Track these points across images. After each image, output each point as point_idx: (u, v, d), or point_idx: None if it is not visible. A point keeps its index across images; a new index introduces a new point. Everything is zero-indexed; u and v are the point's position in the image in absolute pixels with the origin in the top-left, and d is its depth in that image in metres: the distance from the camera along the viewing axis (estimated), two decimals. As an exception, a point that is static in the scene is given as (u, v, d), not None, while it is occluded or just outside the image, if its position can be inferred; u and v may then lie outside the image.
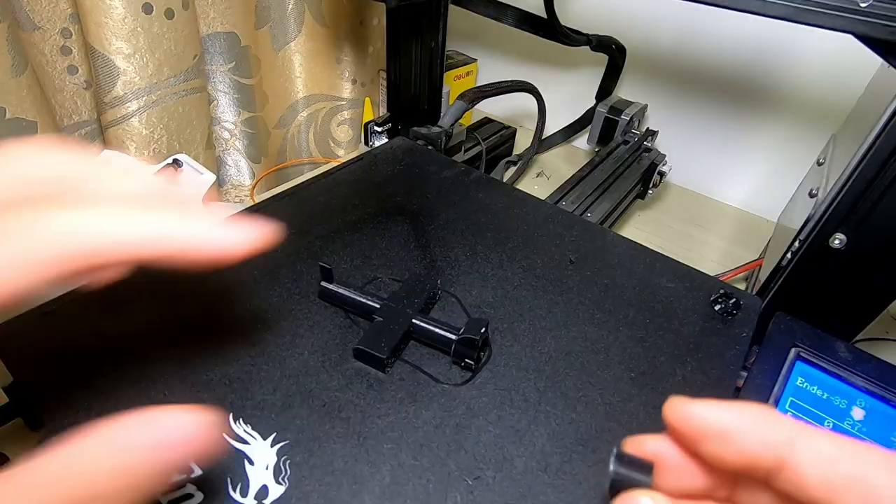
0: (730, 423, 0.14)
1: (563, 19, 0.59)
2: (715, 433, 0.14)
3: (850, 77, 0.52)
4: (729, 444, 0.14)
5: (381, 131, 0.58)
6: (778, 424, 0.14)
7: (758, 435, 0.14)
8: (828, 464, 0.13)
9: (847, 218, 0.31)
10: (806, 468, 0.13)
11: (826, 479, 0.13)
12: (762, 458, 0.14)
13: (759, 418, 0.14)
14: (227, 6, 0.55)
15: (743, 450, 0.14)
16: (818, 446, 0.13)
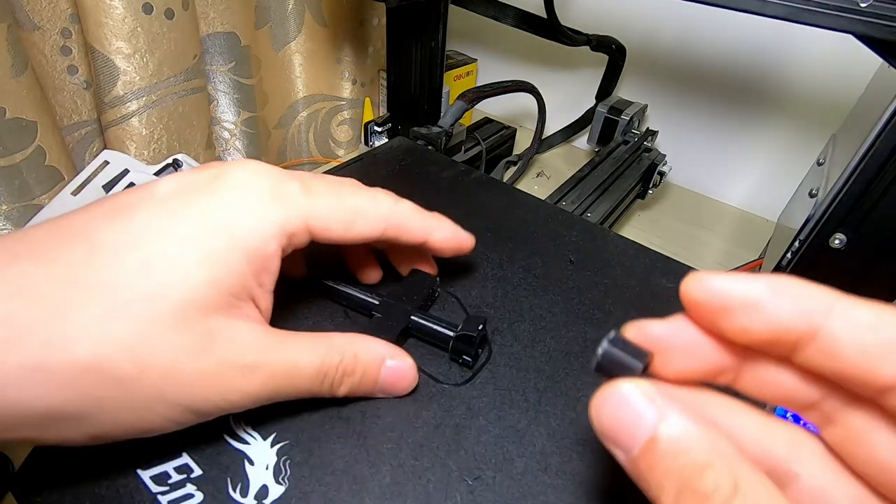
0: (761, 293, 0.13)
1: (563, 19, 0.59)
2: (744, 304, 0.13)
3: (850, 77, 0.52)
4: (759, 315, 0.13)
5: (381, 131, 0.58)
6: (813, 291, 0.13)
7: (792, 303, 0.13)
8: (866, 329, 0.12)
9: (847, 218, 0.31)
10: (841, 336, 0.12)
11: (863, 347, 0.12)
12: (794, 327, 0.13)
13: (793, 287, 0.13)
14: (227, 6, 0.55)
15: (774, 320, 0.13)
16: (856, 313, 0.13)
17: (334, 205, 0.22)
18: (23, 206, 0.48)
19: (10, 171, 0.46)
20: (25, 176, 0.47)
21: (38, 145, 0.47)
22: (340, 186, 0.23)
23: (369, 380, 0.22)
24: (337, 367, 0.21)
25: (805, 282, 0.13)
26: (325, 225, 0.21)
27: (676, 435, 0.13)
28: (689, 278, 0.14)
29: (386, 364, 0.22)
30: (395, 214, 0.24)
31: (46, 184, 0.49)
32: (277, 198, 0.20)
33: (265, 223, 0.20)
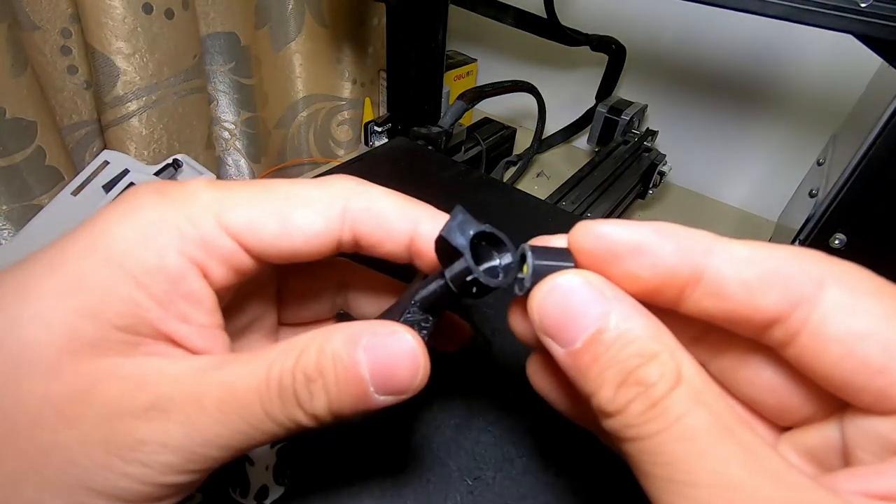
0: (642, 238, 0.13)
1: (563, 19, 0.59)
2: (628, 250, 0.13)
3: (850, 77, 0.52)
4: (643, 260, 0.13)
5: (381, 131, 0.58)
6: (693, 234, 0.13)
7: (673, 246, 0.13)
8: (745, 264, 0.13)
9: (847, 218, 0.31)
10: (724, 273, 0.13)
11: (744, 281, 0.13)
12: (679, 270, 0.13)
13: (673, 230, 0.13)
14: (227, 6, 0.55)
15: (658, 264, 0.13)
16: (735, 249, 0.13)
17: (258, 193, 0.15)
18: (23, 206, 0.48)
19: (10, 171, 0.46)
20: (25, 176, 0.47)
21: (38, 145, 0.47)
22: (270, 181, 0.16)
23: (350, 374, 0.14)
24: (293, 371, 0.14)
25: (684, 227, 0.13)
26: (247, 218, 0.15)
27: (624, 326, 0.13)
28: (577, 227, 0.14)
29: (364, 343, 0.14)
30: (359, 200, 0.16)
31: (46, 184, 0.49)
32: (169, 197, 0.15)
33: (154, 230, 0.14)
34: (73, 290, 0.13)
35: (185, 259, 0.14)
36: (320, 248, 0.16)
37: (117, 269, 0.14)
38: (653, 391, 0.12)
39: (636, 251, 0.13)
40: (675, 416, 0.12)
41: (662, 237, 0.13)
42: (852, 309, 0.12)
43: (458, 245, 0.14)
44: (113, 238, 0.14)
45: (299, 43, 0.64)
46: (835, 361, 0.12)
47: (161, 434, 0.13)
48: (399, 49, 0.53)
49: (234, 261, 0.15)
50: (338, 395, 0.14)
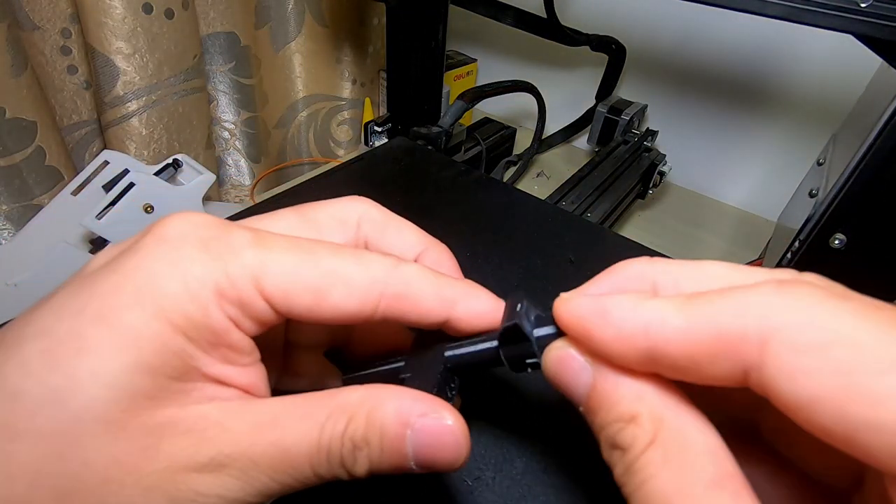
0: (595, 308, 0.14)
1: (563, 19, 0.59)
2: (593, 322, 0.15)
3: (850, 77, 0.52)
4: (608, 329, 0.14)
5: (381, 131, 0.58)
6: (639, 304, 0.14)
7: (619, 316, 0.14)
8: (683, 334, 0.13)
9: (847, 218, 0.31)
10: (668, 350, 0.13)
11: (688, 353, 0.13)
12: (634, 340, 0.13)
13: (619, 300, 0.14)
14: (227, 6, 0.55)
15: (619, 331, 0.14)
16: (669, 320, 0.13)
17: (298, 262, 0.15)
18: (23, 206, 0.48)
19: (10, 171, 0.46)
20: (25, 176, 0.47)
21: (38, 145, 0.47)
22: (314, 243, 0.16)
23: (394, 449, 0.15)
24: (342, 438, 0.14)
25: (638, 295, 0.14)
26: (283, 289, 0.15)
27: (607, 389, 0.14)
28: (556, 302, 0.16)
29: (413, 423, 0.15)
30: (396, 281, 0.16)
31: (46, 184, 0.49)
32: (212, 252, 0.15)
33: (197, 286, 0.14)
34: (129, 345, 0.14)
35: (224, 314, 0.15)
36: (350, 321, 0.16)
37: (167, 323, 0.14)
38: (628, 455, 0.13)
39: (598, 322, 0.14)
40: (641, 479, 0.12)
41: (608, 308, 0.14)
42: (793, 373, 0.11)
43: (529, 333, 0.16)
44: (159, 291, 0.14)
45: (299, 43, 0.64)
46: (807, 429, 0.11)
47: (219, 487, 0.14)
48: (399, 49, 0.53)
49: (265, 319, 0.16)
50: (380, 462, 0.15)
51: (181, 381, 0.14)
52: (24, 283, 0.41)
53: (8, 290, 0.40)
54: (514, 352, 0.16)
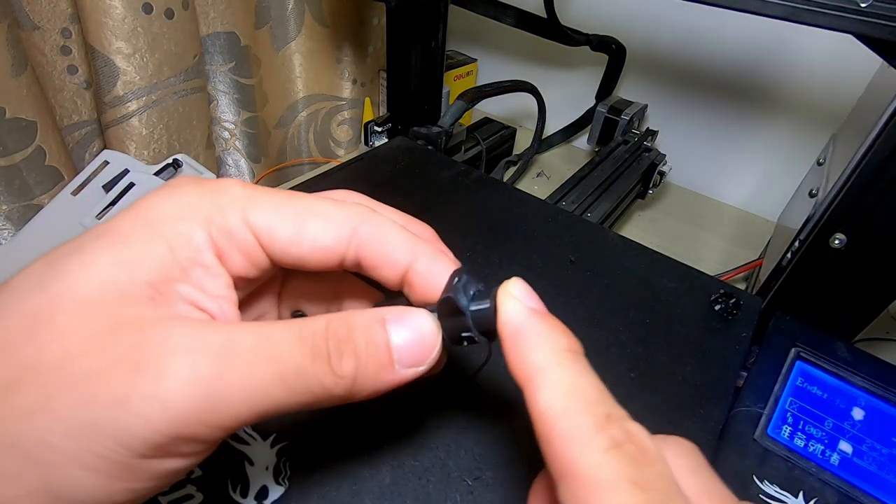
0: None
1: (563, 19, 0.59)
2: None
3: (850, 77, 0.52)
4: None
5: (381, 131, 0.58)
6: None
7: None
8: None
9: (847, 218, 0.31)
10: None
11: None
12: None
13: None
14: (227, 6, 0.55)
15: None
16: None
17: (282, 198, 0.17)
18: (23, 206, 0.48)
19: (10, 171, 0.46)
20: (25, 176, 0.47)
21: (38, 145, 0.47)
22: (296, 193, 0.18)
23: (377, 346, 0.16)
24: (325, 332, 0.15)
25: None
26: (268, 222, 0.16)
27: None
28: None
29: (388, 320, 0.16)
30: (368, 223, 0.17)
31: (46, 184, 0.49)
32: (206, 186, 0.17)
33: (188, 208, 0.16)
34: (115, 242, 0.15)
35: (209, 240, 0.16)
36: (325, 261, 0.17)
37: (154, 231, 0.15)
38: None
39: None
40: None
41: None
42: None
43: (463, 306, 0.16)
44: (153, 208, 0.16)
45: (299, 43, 0.64)
46: None
47: (191, 367, 0.13)
48: (399, 49, 0.53)
49: (251, 254, 0.17)
50: (366, 359, 0.15)
51: (155, 289, 0.15)
52: (24, 283, 0.40)
53: (8, 290, 0.40)
54: (451, 324, 0.17)
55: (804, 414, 0.27)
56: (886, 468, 0.24)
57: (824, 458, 0.25)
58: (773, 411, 0.27)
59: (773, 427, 0.26)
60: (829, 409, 0.27)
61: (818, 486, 0.24)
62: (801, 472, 0.24)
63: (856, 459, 0.25)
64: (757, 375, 0.28)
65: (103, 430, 0.13)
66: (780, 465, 0.24)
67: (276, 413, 0.15)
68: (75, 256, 0.15)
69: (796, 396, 0.27)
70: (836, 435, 0.26)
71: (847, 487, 0.24)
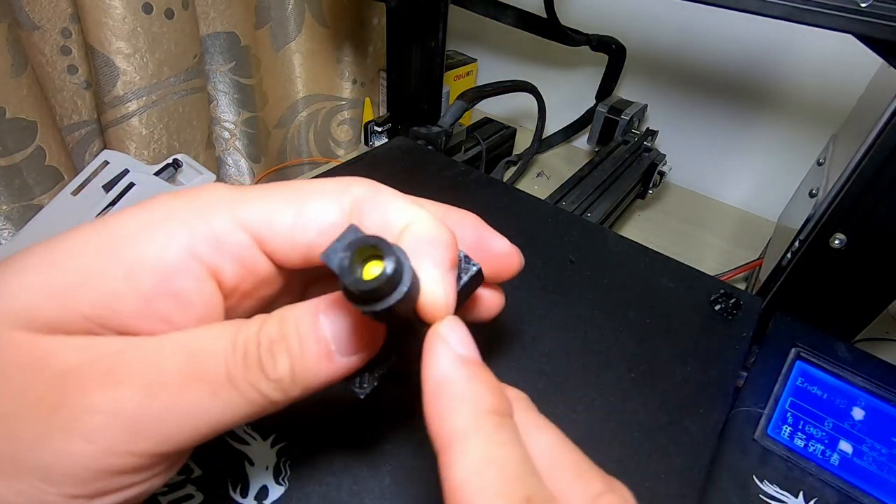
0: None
1: (563, 19, 0.59)
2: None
3: (850, 77, 0.52)
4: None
5: (381, 131, 0.58)
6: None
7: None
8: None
9: (847, 218, 0.31)
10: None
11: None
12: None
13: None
14: (227, 6, 0.55)
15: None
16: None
17: (270, 189, 0.15)
18: (23, 206, 0.48)
19: (10, 171, 0.46)
20: (25, 176, 0.47)
21: (38, 145, 0.47)
22: (281, 182, 0.16)
23: (311, 338, 0.14)
24: (258, 336, 0.14)
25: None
26: (264, 212, 0.14)
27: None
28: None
29: (321, 309, 0.14)
30: (366, 189, 0.16)
31: (46, 184, 0.49)
32: (182, 196, 0.14)
33: (159, 224, 0.14)
34: (52, 268, 0.13)
35: (188, 255, 0.14)
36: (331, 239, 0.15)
37: (110, 256, 0.13)
38: None
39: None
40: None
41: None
42: None
43: (334, 267, 0.13)
44: (116, 227, 0.14)
45: (299, 43, 0.64)
46: None
47: (113, 401, 0.12)
48: (399, 49, 0.53)
49: (248, 259, 0.15)
50: (301, 356, 0.14)
51: (94, 323, 0.13)
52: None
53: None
54: (345, 292, 0.13)
55: (804, 414, 0.27)
56: (886, 468, 0.24)
57: (824, 459, 0.25)
58: (773, 411, 0.27)
59: (773, 427, 0.26)
60: (829, 409, 0.27)
61: (818, 486, 0.24)
62: (801, 472, 0.24)
63: (856, 459, 0.25)
64: (757, 375, 0.28)
65: (25, 466, 0.12)
66: (780, 465, 0.24)
67: (221, 431, 0.14)
68: (4, 278, 0.13)
69: (796, 396, 0.27)
70: (836, 435, 0.26)
71: (847, 487, 0.24)
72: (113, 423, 0.12)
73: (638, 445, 0.23)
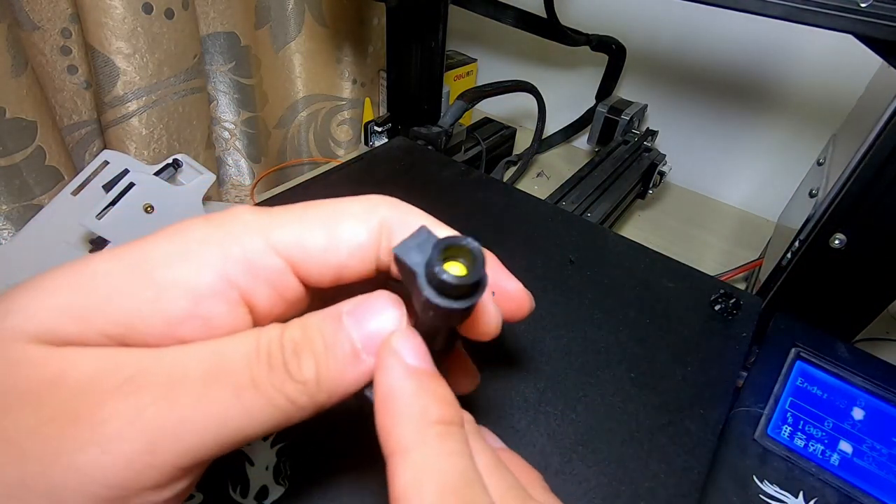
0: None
1: (563, 19, 0.59)
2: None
3: (850, 77, 0.52)
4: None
5: (381, 131, 0.58)
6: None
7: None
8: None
9: (847, 218, 0.31)
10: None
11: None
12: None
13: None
14: (227, 6, 0.55)
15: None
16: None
17: (302, 211, 0.15)
18: (23, 206, 0.48)
19: (10, 171, 0.46)
20: (25, 176, 0.47)
21: (38, 145, 0.47)
22: (309, 202, 0.16)
23: (336, 340, 0.14)
24: (281, 340, 0.14)
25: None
26: (296, 235, 0.14)
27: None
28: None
29: (344, 311, 0.14)
30: (395, 211, 0.16)
31: (46, 184, 0.49)
32: (215, 220, 0.14)
33: (196, 246, 0.14)
34: (76, 288, 0.13)
35: (221, 280, 0.13)
36: (363, 264, 0.15)
37: (140, 277, 0.13)
38: None
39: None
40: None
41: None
42: None
43: (412, 264, 0.13)
44: (147, 250, 0.13)
45: (299, 43, 0.64)
46: None
47: (132, 408, 0.12)
48: (399, 49, 0.53)
49: (280, 283, 0.14)
50: (326, 357, 0.14)
51: (114, 343, 0.13)
52: (24, 283, 0.40)
53: (8, 290, 0.40)
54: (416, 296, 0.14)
55: (804, 414, 0.27)
56: (886, 468, 0.24)
57: (824, 459, 0.25)
58: (773, 411, 0.27)
59: (773, 427, 0.26)
60: (829, 409, 0.27)
61: (818, 486, 0.24)
62: (801, 472, 0.24)
63: (856, 459, 0.25)
64: (757, 375, 0.28)
65: (35, 491, 0.11)
66: (780, 465, 0.24)
67: (244, 441, 0.13)
68: (23, 297, 0.13)
69: (796, 396, 0.27)
70: (836, 435, 0.26)
71: (847, 487, 0.24)
72: (131, 430, 0.12)
73: (638, 445, 0.23)
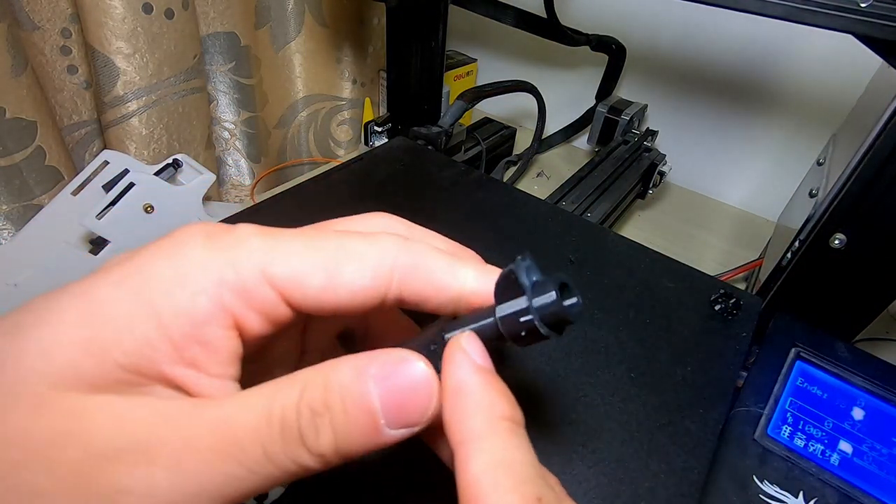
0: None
1: (563, 19, 0.59)
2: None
3: (850, 77, 0.52)
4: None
5: (381, 131, 0.58)
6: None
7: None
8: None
9: (847, 218, 0.31)
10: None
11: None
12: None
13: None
14: (227, 6, 0.55)
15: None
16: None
17: (306, 242, 0.15)
18: (23, 206, 0.48)
19: (10, 171, 0.46)
20: (25, 176, 0.47)
21: (38, 145, 0.47)
22: (320, 230, 0.16)
23: (360, 409, 0.13)
24: (298, 407, 0.13)
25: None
26: (293, 269, 0.14)
27: None
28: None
29: (373, 374, 0.13)
30: (406, 254, 0.15)
31: (46, 184, 0.49)
32: (217, 240, 0.14)
33: (193, 270, 0.13)
34: (87, 320, 0.13)
35: (216, 305, 0.13)
36: (364, 303, 0.15)
37: (143, 304, 0.13)
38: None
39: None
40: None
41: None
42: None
43: (524, 283, 0.14)
44: (149, 273, 0.13)
45: (299, 43, 0.64)
46: None
47: (145, 481, 0.12)
48: (399, 49, 0.53)
49: (272, 312, 0.14)
50: (346, 430, 0.13)
51: (130, 372, 0.13)
52: (24, 283, 0.40)
53: (8, 290, 0.40)
54: (509, 313, 0.14)
55: (804, 414, 0.27)
56: (886, 468, 0.24)
57: (824, 458, 0.25)
58: (773, 411, 0.27)
59: (773, 427, 0.26)
60: (829, 409, 0.27)
61: (818, 486, 0.24)
62: (801, 472, 0.24)
63: (856, 459, 0.25)
64: (757, 375, 0.28)
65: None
66: (780, 465, 0.24)
67: (253, 495, 0.13)
68: (34, 332, 0.13)
69: (796, 396, 0.27)
70: (836, 435, 0.26)
71: (847, 487, 0.24)
72: (146, 502, 0.12)
73: (638, 445, 0.23)
